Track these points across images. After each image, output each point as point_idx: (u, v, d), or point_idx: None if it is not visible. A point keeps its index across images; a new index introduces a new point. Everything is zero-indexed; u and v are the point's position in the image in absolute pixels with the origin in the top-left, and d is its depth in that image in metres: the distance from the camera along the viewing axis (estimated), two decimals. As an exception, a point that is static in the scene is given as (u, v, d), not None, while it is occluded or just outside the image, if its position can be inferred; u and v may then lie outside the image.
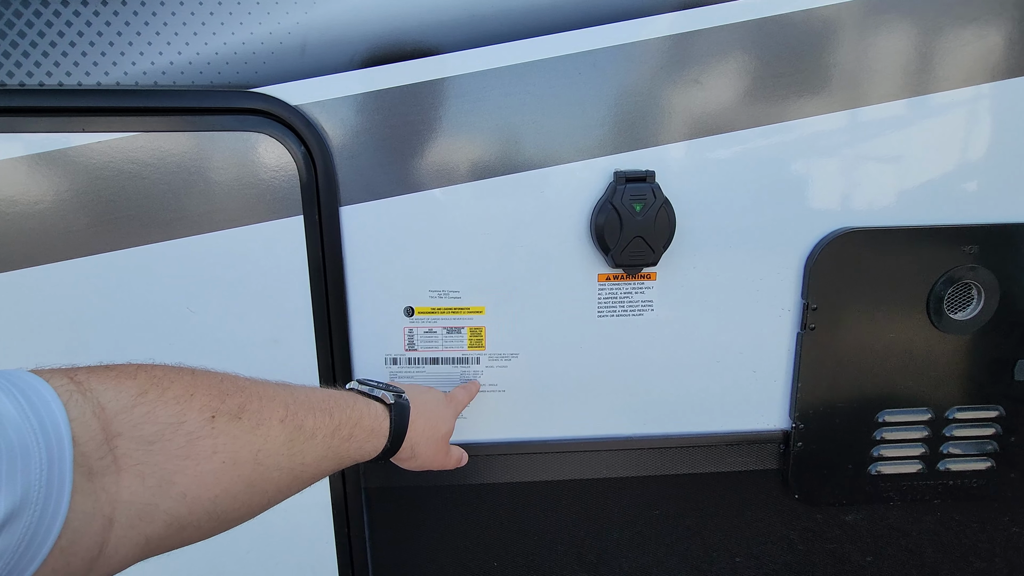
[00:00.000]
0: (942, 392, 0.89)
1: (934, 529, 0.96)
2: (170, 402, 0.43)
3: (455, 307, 0.84)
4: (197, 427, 0.44)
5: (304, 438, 0.52)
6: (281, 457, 0.50)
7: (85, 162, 0.76)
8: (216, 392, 0.47)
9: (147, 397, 0.42)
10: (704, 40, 0.77)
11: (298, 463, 0.51)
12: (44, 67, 0.72)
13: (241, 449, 0.46)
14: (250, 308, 0.81)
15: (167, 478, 0.42)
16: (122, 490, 0.40)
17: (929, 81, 0.80)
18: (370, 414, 0.61)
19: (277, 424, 0.50)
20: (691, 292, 0.85)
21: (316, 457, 0.53)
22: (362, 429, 0.59)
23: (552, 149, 0.79)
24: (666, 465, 0.92)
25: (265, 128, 0.76)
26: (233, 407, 0.47)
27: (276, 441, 0.49)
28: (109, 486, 0.39)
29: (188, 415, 0.44)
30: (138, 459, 0.40)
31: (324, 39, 0.74)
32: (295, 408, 0.52)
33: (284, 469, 0.50)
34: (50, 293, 0.79)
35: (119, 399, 0.41)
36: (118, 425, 0.40)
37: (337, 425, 0.56)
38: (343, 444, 0.56)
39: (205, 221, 0.78)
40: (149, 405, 0.42)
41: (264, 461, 0.48)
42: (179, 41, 0.73)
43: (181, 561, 0.90)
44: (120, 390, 0.41)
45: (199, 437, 0.44)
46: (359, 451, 0.59)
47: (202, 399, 0.45)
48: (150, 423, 0.41)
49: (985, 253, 0.84)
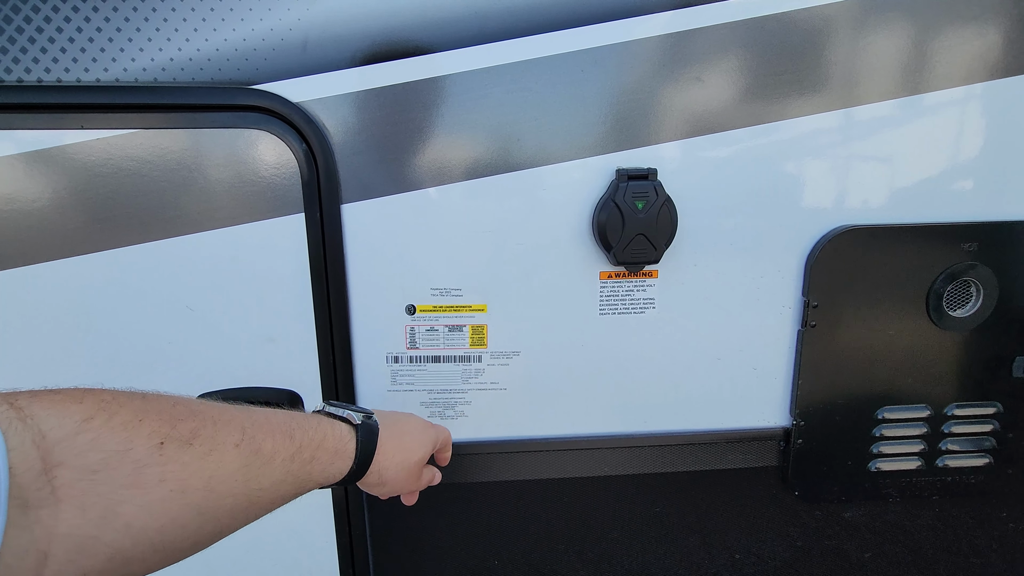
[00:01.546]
0: (941, 389, 0.90)
1: (933, 525, 0.96)
2: (117, 428, 0.41)
3: (457, 305, 0.84)
4: (144, 454, 0.42)
5: (261, 463, 0.50)
6: (236, 483, 0.48)
7: (84, 159, 0.75)
8: (167, 417, 0.45)
9: (93, 423, 0.40)
10: (705, 38, 0.77)
11: (254, 488, 0.50)
12: (42, 63, 0.72)
13: (191, 476, 0.45)
14: (251, 306, 0.81)
15: (111, 509, 0.40)
16: (60, 523, 0.38)
17: (928, 80, 0.81)
18: (334, 435, 0.59)
19: (232, 449, 0.48)
20: (692, 290, 0.85)
21: (274, 481, 0.51)
22: (325, 451, 0.57)
23: (554, 147, 0.79)
24: (667, 462, 0.92)
25: (266, 125, 0.75)
26: (184, 432, 0.45)
27: (230, 467, 0.48)
28: (45, 519, 0.37)
29: (136, 442, 0.42)
30: (80, 489, 0.39)
31: (326, 36, 0.74)
32: (252, 431, 0.51)
33: (239, 495, 0.48)
34: (49, 291, 0.78)
35: (62, 426, 0.39)
36: (59, 454, 0.38)
37: (298, 447, 0.54)
38: (304, 467, 0.54)
39: (205, 219, 0.78)
40: (95, 432, 0.40)
41: (216, 488, 0.46)
42: (179, 37, 0.73)
43: (177, 564, 0.89)
44: (64, 416, 0.39)
45: (146, 465, 0.42)
46: (322, 474, 0.57)
47: (151, 424, 0.43)
48: (95, 451, 0.40)
49: (984, 251, 0.84)
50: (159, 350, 0.81)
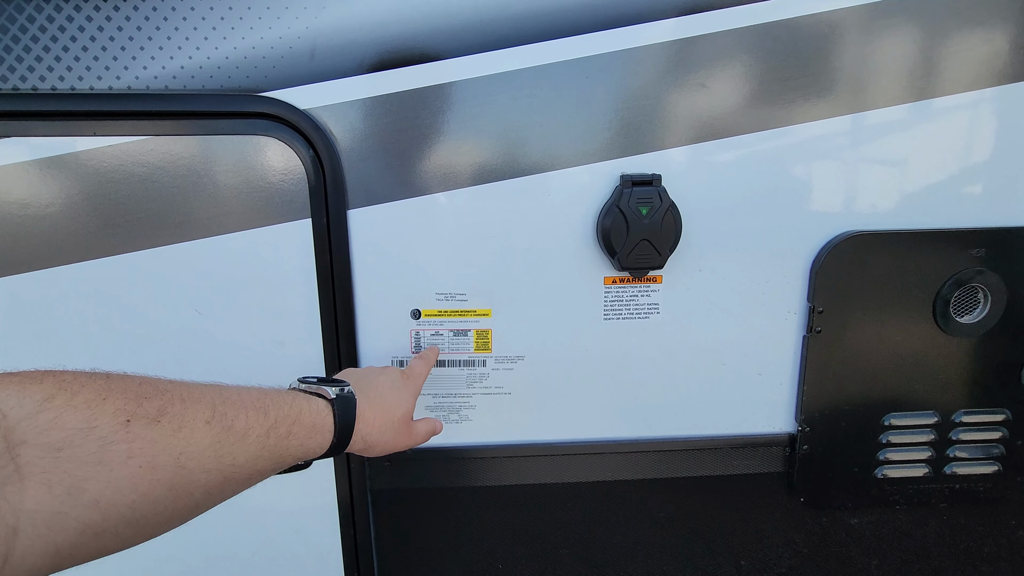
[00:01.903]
0: (949, 395, 0.89)
1: (940, 533, 0.95)
2: (80, 407, 0.42)
3: (461, 310, 0.85)
4: (110, 432, 0.42)
5: (234, 439, 0.50)
6: (207, 459, 0.48)
7: (96, 165, 0.76)
8: (132, 396, 0.45)
9: (54, 403, 0.41)
10: (710, 44, 0.78)
11: (227, 464, 0.50)
12: (56, 71, 0.73)
13: (160, 453, 0.45)
14: (258, 310, 0.82)
15: (77, 485, 0.40)
16: (26, 499, 0.38)
17: (936, 85, 0.80)
18: (311, 410, 0.59)
19: (202, 425, 0.48)
20: (697, 295, 0.85)
21: (249, 457, 0.52)
22: (301, 426, 0.57)
23: (559, 153, 0.80)
24: (672, 468, 0.92)
25: (274, 132, 0.76)
26: (151, 410, 0.46)
27: (201, 443, 0.48)
28: (11, 495, 0.38)
29: (100, 420, 0.42)
30: (44, 467, 0.39)
31: (333, 44, 0.75)
32: (224, 408, 0.51)
33: (212, 471, 0.49)
34: (61, 295, 0.79)
35: (23, 405, 0.40)
36: (21, 432, 0.39)
37: (272, 423, 0.54)
38: (281, 442, 0.55)
39: (214, 224, 0.79)
40: (56, 411, 0.41)
41: (187, 464, 0.47)
42: (190, 46, 0.74)
43: (182, 565, 0.90)
44: (24, 396, 0.40)
45: (112, 442, 0.42)
46: (301, 449, 0.57)
47: (116, 403, 0.44)
48: (57, 429, 0.40)
49: (992, 257, 0.84)
50: (168, 353, 0.82)
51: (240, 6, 0.73)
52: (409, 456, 0.89)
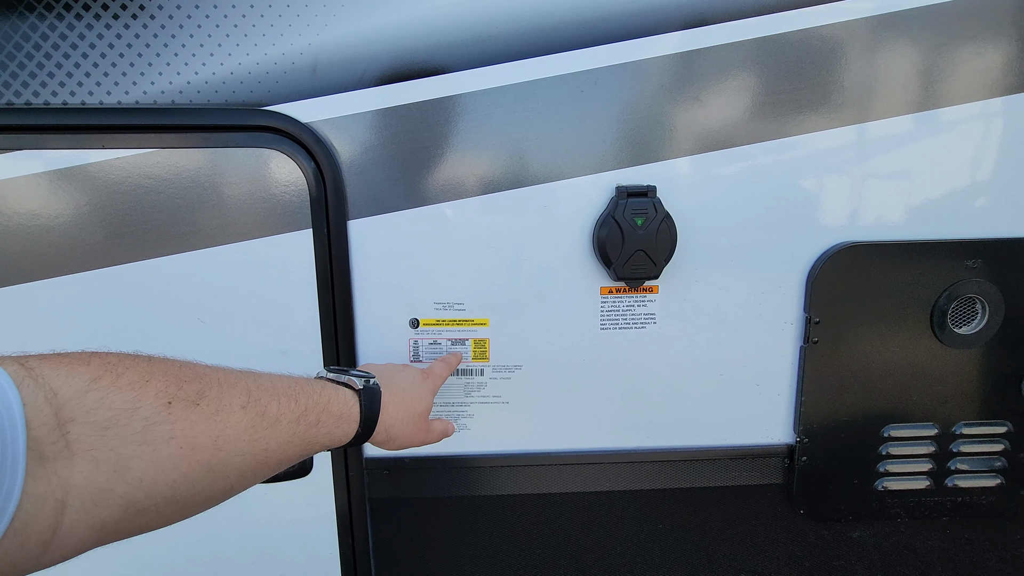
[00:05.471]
0: (949, 407, 0.89)
1: (942, 546, 0.94)
2: (124, 388, 0.43)
3: (460, 319, 0.86)
4: (153, 413, 0.44)
5: (267, 424, 0.52)
6: (243, 443, 0.50)
7: (104, 177, 0.78)
8: (173, 379, 0.47)
9: (101, 383, 0.42)
10: (705, 59, 0.79)
11: (261, 448, 0.51)
12: (68, 87, 0.76)
13: (199, 435, 0.46)
14: (259, 319, 0.83)
15: (122, 463, 0.42)
16: (75, 475, 0.40)
17: (931, 97, 0.81)
18: (338, 400, 0.61)
19: (238, 410, 0.50)
20: (693, 305, 0.86)
21: (280, 443, 0.53)
22: (330, 415, 0.59)
23: (555, 165, 0.81)
24: (669, 479, 0.92)
25: (277, 145, 0.78)
26: (191, 393, 0.47)
27: (237, 427, 0.49)
28: (61, 470, 0.39)
29: (143, 401, 0.44)
30: (91, 444, 0.41)
31: (335, 59, 0.77)
32: (258, 394, 0.52)
33: (247, 455, 0.50)
34: (68, 304, 0.81)
35: (72, 385, 0.41)
36: (71, 410, 0.40)
37: (303, 411, 0.56)
38: (310, 430, 0.56)
39: (218, 234, 0.80)
40: (103, 391, 0.42)
41: (224, 447, 0.48)
42: (196, 62, 0.76)
43: (183, 573, 0.91)
44: (72, 376, 0.42)
45: (155, 423, 0.44)
46: (328, 437, 0.59)
47: (158, 385, 0.45)
48: (104, 408, 0.42)
49: (988, 267, 0.84)
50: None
51: (245, 24, 0.76)
52: (407, 465, 0.90)
